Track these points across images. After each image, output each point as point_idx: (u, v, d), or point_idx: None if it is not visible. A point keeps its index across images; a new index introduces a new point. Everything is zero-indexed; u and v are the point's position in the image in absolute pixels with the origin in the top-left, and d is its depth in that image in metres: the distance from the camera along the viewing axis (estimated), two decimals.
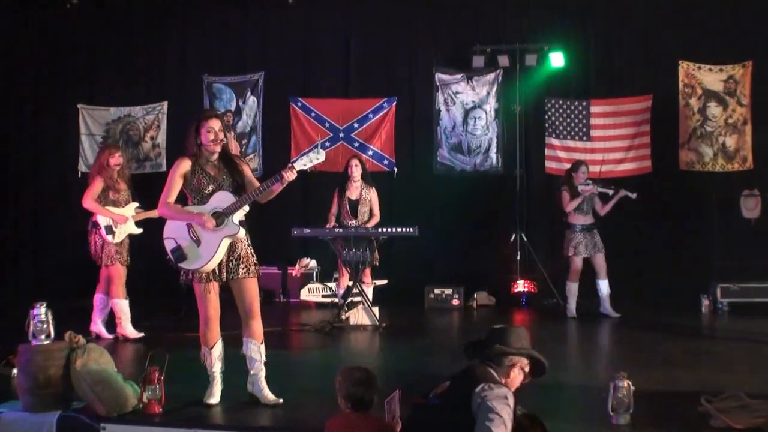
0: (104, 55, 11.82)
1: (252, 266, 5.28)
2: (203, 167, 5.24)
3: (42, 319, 5.06)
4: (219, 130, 5.22)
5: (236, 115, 11.67)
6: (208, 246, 5.14)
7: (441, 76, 11.38)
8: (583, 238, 9.20)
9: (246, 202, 5.15)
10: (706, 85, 10.94)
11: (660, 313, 9.36)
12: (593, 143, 11.14)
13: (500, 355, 3.88)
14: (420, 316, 9.69)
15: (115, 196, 7.80)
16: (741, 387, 5.25)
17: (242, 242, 5.27)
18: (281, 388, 5.40)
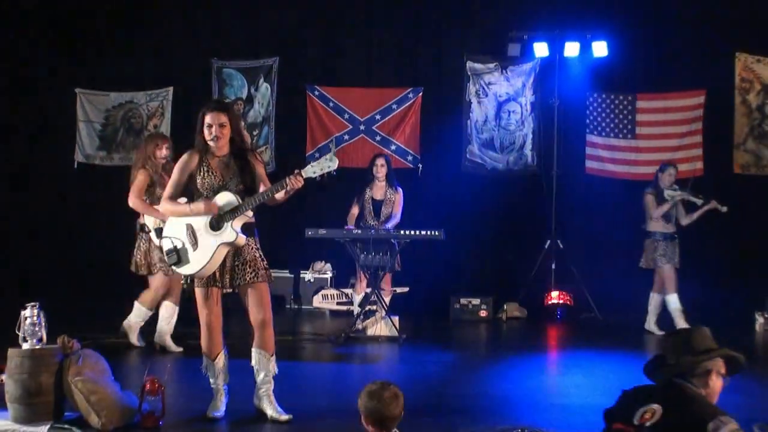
0: (106, 35, 11.85)
1: (261, 270, 5.28)
2: (210, 163, 5.29)
3: (33, 322, 5.09)
4: (220, 125, 5.22)
5: (247, 104, 11.72)
6: (203, 251, 5.18)
7: (472, 64, 11.37)
8: (665, 246, 9.24)
9: (247, 208, 5.16)
10: (765, 79, 10.85)
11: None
12: (638, 142, 11.10)
13: (692, 366, 3.86)
14: (444, 328, 9.69)
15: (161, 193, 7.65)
16: None
17: (249, 245, 5.28)
18: (290, 403, 5.42)
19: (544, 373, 7.41)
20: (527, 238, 11.06)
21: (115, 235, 11.34)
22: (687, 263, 10.54)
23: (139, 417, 4.99)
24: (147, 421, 4.97)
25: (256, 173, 5.31)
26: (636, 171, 11.08)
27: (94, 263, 11.18)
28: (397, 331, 8.58)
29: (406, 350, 8.22)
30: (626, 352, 8.12)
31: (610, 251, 10.86)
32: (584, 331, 9.63)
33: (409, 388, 4.09)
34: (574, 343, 9.27)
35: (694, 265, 10.52)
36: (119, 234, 11.34)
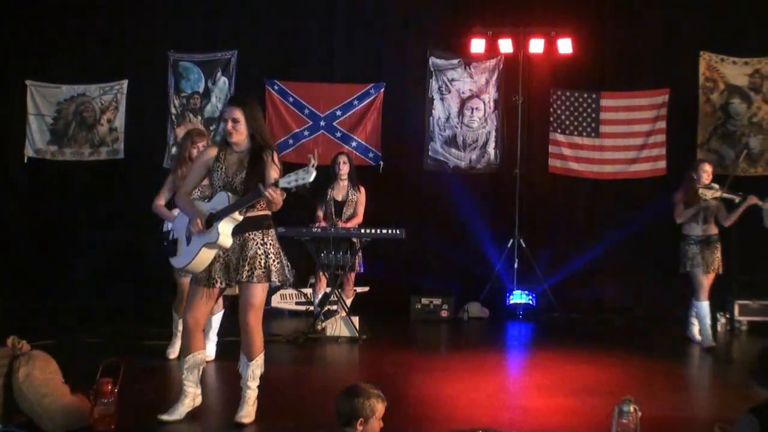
0: (57, 25, 11.66)
1: (259, 269, 5.23)
2: (225, 158, 5.33)
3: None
4: (233, 119, 5.26)
5: (204, 98, 11.65)
6: (191, 248, 5.24)
7: (435, 60, 11.41)
8: (699, 250, 8.60)
9: (232, 211, 5.13)
10: (729, 79, 11.02)
11: (673, 331, 9.43)
12: (602, 140, 11.20)
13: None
14: (405, 329, 9.73)
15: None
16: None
17: (254, 241, 5.26)
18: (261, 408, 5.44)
19: (505, 373, 7.47)
20: (490, 238, 11.12)
21: (66, 231, 11.31)
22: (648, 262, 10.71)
23: (91, 420, 4.95)
24: (99, 424, 4.93)
25: (265, 175, 5.20)
26: (599, 170, 11.19)
27: (44, 261, 11.08)
28: (357, 332, 8.60)
29: (366, 351, 8.25)
30: (589, 352, 8.20)
31: (573, 251, 10.95)
32: (546, 331, 9.72)
33: None
34: (536, 343, 9.36)
35: (653, 265, 10.68)
36: (70, 230, 11.33)
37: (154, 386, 6.50)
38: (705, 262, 8.52)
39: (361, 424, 3.94)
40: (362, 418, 3.94)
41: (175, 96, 11.65)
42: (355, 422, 3.94)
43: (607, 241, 10.73)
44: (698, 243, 8.59)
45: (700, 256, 8.54)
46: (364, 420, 3.94)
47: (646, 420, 4.75)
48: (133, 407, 5.35)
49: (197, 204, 5.34)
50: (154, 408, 5.35)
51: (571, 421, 5.60)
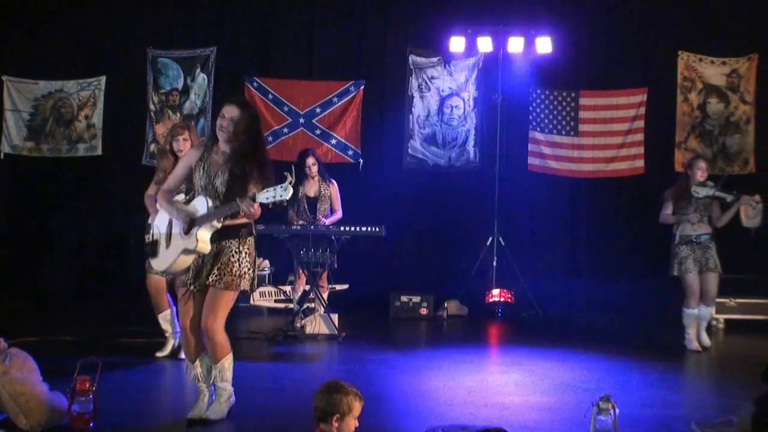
0: (35, 19, 11.58)
1: (227, 276, 5.21)
2: (209, 160, 5.31)
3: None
4: (231, 119, 5.22)
5: (183, 95, 11.60)
6: (170, 252, 5.27)
7: (415, 58, 11.44)
8: (690, 251, 8.23)
9: (210, 220, 5.13)
10: (707, 78, 11.11)
11: (648, 328, 9.49)
12: (581, 139, 11.26)
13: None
14: (384, 326, 9.72)
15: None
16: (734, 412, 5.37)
17: (229, 248, 5.26)
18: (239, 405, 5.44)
19: (484, 371, 7.50)
20: (469, 235, 11.16)
21: (43, 227, 11.25)
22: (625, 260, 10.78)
23: (69, 418, 4.94)
24: (77, 422, 4.91)
25: (246, 183, 5.20)
26: (578, 168, 11.26)
27: (20, 258, 11.01)
28: (337, 329, 8.61)
29: (346, 348, 8.25)
30: (567, 350, 8.24)
31: (552, 248, 11.02)
32: (525, 329, 9.75)
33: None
34: (514, 340, 9.38)
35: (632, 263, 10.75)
36: (46, 227, 11.27)
37: (132, 384, 6.49)
38: (698, 262, 8.19)
39: (336, 420, 3.96)
40: (338, 414, 3.97)
41: (153, 92, 11.60)
42: (331, 418, 3.97)
43: (586, 240, 10.81)
44: (689, 244, 8.23)
45: (692, 258, 8.20)
46: (340, 416, 3.96)
47: (623, 418, 4.79)
48: (111, 405, 5.35)
49: (179, 205, 5.32)
50: (133, 406, 5.35)
51: (550, 417, 5.63)
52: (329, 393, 4.03)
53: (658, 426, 5.34)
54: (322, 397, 4.05)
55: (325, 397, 4.03)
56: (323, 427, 4.01)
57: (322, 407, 4.02)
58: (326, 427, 4.00)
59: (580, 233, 10.95)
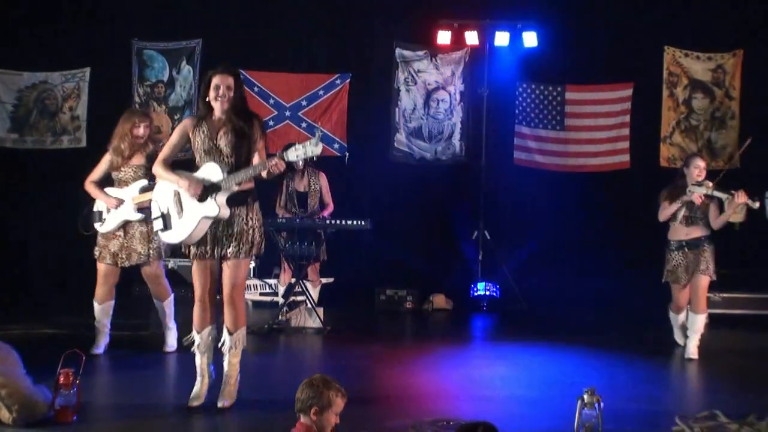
0: (19, 11, 11.50)
1: (246, 245, 5.35)
2: (207, 127, 5.37)
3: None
4: (227, 86, 5.31)
5: (168, 87, 11.56)
6: (187, 221, 5.30)
7: (402, 52, 11.41)
8: (682, 258, 7.61)
9: (230, 184, 5.22)
10: (692, 74, 11.13)
11: (636, 324, 9.51)
12: (567, 133, 11.28)
13: None
14: (369, 320, 9.72)
15: (122, 174, 7.03)
16: (718, 406, 5.40)
17: (239, 216, 5.35)
18: (213, 396, 5.41)
19: (469, 364, 7.50)
20: (454, 229, 11.15)
21: (26, 220, 11.17)
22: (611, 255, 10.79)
23: (53, 412, 4.91)
24: (61, 415, 4.89)
25: (252, 146, 5.36)
26: (564, 163, 11.28)
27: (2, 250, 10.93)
28: (322, 323, 8.60)
29: (331, 342, 8.24)
30: (552, 344, 8.25)
31: (537, 243, 11.01)
32: (511, 323, 9.77)
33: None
34: (500, 334, 9.40)
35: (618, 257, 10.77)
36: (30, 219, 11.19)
37: (115, 377, 6.47)
38: (689, 270, 7.53)
39: (315, 413, 3.95)
40: (317, 407, 3.96)
41: (138, 84, 11.55)
42: (310, 410, 3.96)
43: (572, 234, 10.81)
44: (680, 249, 7.60)
45: (683, 266, 7.56)
46: (319, 409, 3.95)
47: (608, 412, 4.79)
48: (94, 398, 5.32)
49: (186, 174, 5.35)
50: (116, 399, 5.32)
51: (535, 412, 5.64)
52: (311, 386, 4.03)
53: (643, 420, 5.35)
54: (305, 388, 4.05)
55: (307, 389, 4.03)
56: (303, 420, 4.00)
57: (302, 399, 4.02)
58: (306, 420, 3.99)
59: (565, 228, 10.95)
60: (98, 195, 7.04)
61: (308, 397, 4.00)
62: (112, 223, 6.96)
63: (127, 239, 6.96)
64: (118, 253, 6.96)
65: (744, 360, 7.47)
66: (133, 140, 7.00)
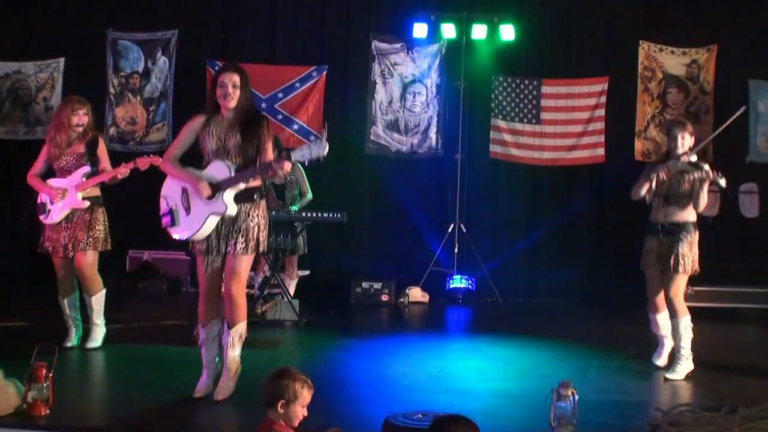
0: None
1: (251, 241, 5.37)
2: (214, 126, 5.38)
3: None
4: (233, 84, 5.33)
5: (144, 78, 11.47)
6: (195, 218, 5.33)
7: (378, 44, 11.38)
8: (656, 244, 6.68)
9: (238, 182, 5.23)
10: (667, 68, 11.18)
11: (611, 317, 9.56)
12: (543, 127, 11.30)
13: None
14: (345, 313, 9.70)
15: (62, 163, 6.86)
16: (693, 399, 5.43)
17: (244, 213, 5.36)
18: (186, 389, 5.38)
19: (445, 357, 7.49)
20: (430, 222, 11.16)
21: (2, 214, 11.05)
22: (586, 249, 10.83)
23: (25, 405, 4.85)
24: (33, 410, 4.83)
25: (261, 144, 5.36)
26: (540, 156, 11.30)
27: None
28: (298, 315, 8.57)
29: (307, 334, 8.22)
30: (527, 337, 8.28)
31: (513, 236, 11.05)
32: (486, 316, 9.79)
33: (309, 372, 4.11)
34: (475, 327, 9.42)
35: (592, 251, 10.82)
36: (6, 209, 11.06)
37: (90, 370, 6.41)
38: (661, 258, 6.60)
39: (282, 406, 3.93)
40: (284, 400, 3.93)
41: (113, 75, 11.45)
42: (277, 403, 3.93)
43: (547, 227, 10.86)
44: (655, 234, 6.67)
45: (656, 253, 6.65)
46: (285, 402, 3.93)
47: (583, 403, 4.80)
48: (68, 391, 5.27)
49: (195, 171, 5.36)
50: (90, 392, 5.27)
51: (510, 403, 5.64)
52: (277, 378, 4.01)
53: (617, 412, 5.37)
54: (270, 382, 4.03)
55: (273, 382, 4.01)
56: (270, 413, 3.98)
57: (268, 392, 4.00)
58: (273, 413, 3.97)
59: (541, 221, 10.99)
60: (41, 187, 6.89)
61: (274, 390, 3.98)
62: (57, 214, 6.82)
63: (71, 228, 6.83)
64: (68, 245, 6.82)
65: (717, 353, 7.51)
66: (71, 129, 6.84)
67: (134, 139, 11.35)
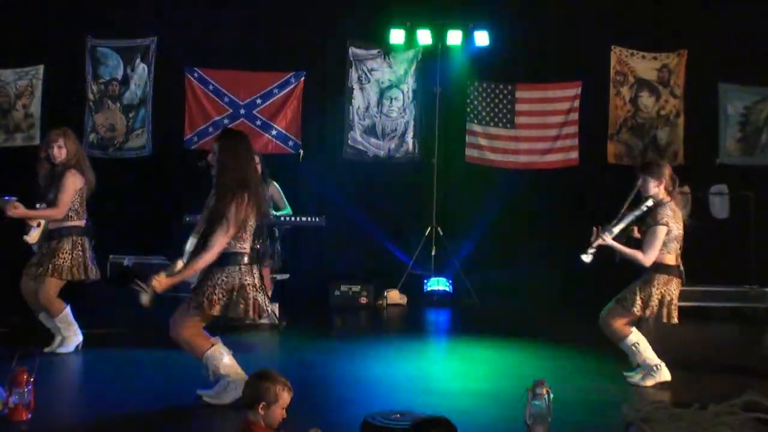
0: None
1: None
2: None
3: None
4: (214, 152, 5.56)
5: (123, 85, 11.44)
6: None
7: (355, 50, 11.42)
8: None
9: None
10: (638, 73, 11.29)
11: (585, 316, 9.60)
12: (518, 131, 11.37)
13: None
14: (324, 315, 9.71)
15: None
16: (666, 396, 5.49)
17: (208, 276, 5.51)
18: (167, 390, 5.38)
19: (423, 358, 7.53)
20: (408, 226, 11.18)
21: None
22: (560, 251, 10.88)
23: (6, 410, 4.83)
24: (14, 414, 4.81)
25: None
26: (515, 160, 11.38)
27: None
28: (277, 319, 8.56)
29: (286, 337, 8.23)
30: (503, 337, 8.31)
31: (488, 238, 11.08)
32: (462, 317, 9.83)
33: (288, 375, 4.12)
34: (452, 328, 9.46)
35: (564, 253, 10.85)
36: None
37: (71, 376, 6.39)
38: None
39: (263, 408, 3.94)
40: (265, 402, 3.95)
41: (93, 82, 11.41)
42: (257, 406, 3.95)
43: (522, 229, 10.90)
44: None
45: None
46: (266, 405, 3.94)
47: (557, 402, 4.84)
48: (49, 397, 5.25)
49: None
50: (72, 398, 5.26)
51: (487, 403, 5.68)
52: (258, 381, 4.03)
53: (592, 410, 5.42)
54: (251, 384, 4.05)
55: (252, 385, 4.03)
56: (250, 415, 4.00)
57: (249, 394, 4.02)
58: (253, 415, 3.98)
59: (516, 223, 11.02)
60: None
61: (254, 392, 3.99)
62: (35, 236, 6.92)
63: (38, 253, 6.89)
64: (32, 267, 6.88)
65: (689, 351, 7.57)
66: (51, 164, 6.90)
67: (114, 146, 11.31)
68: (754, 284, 9.88)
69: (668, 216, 6.28)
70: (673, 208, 6.35)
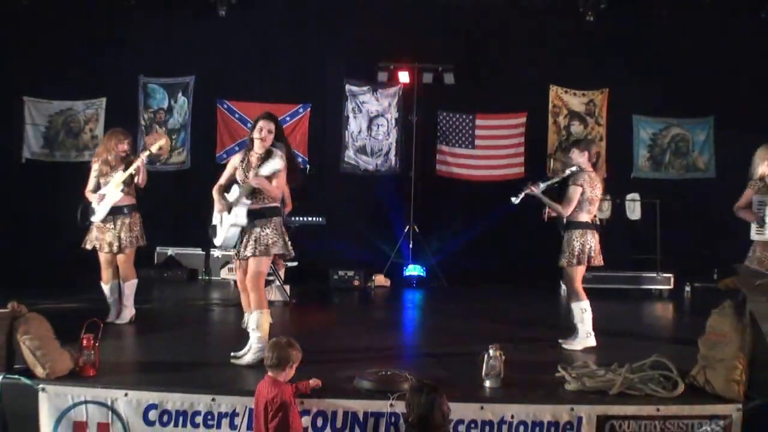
0: (50, 52, 11.20)
1: (261, 246, 5.29)
2: (247, 159, 5.40)
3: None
4: (269, 130, 5.33)
5: (168, 113, 11.42)
6: (223, 229, 5.39)
7: (350, 87, 11.43)
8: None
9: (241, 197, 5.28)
10: (571, 106, 11.36)
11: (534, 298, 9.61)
12: (477, 151, 11.40)
13: None
14: (326, 294, 9.71)
15: (108, 178, 6.83)
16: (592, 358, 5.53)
17: (258, 226, 5.32)
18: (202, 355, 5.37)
19: (404, 328, 7.54)
20: (391, 224, 11.17)
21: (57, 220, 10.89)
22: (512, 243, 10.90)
23: (77, 368, 4.83)
24: (84, 370, 4.82)
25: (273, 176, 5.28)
26: (475, 174, 11.43)
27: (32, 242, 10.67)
28: (288, 297, 8.57)
29: (295, 312, 8.23)
30: (468, 310, 8.36)
31: (454, 235, 11.09)
32: (435, 297, 9.84)
33: (298, 341, 4.14)
34: (427, 305, 9.46)
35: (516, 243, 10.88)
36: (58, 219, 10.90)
37: (127, 341, 6.38)
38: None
39: (290, 367, 4.00)
40: (291, 362, 4.01)
41: (144, 111, 11.40)
42: (286, 365, 4.00)
43: (481, 227, 10.91)
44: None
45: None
46: (291, 364, 4.02)
47: (508, 362, 4.87)
48: (110, 357, 5.25)
49: (221, 197, 5.40)
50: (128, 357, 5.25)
51: (453, 362, 5.68)
52: (286, 346, 4.07)
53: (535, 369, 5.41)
54: (279, 349, 4.07)
55: (282, 350, 4.06)
56: (275, 373, 4.03)
57: (279, 356, 4.04)
58: (278, 373, 4.02)
59: (476, 223, 11.03)
60: (90, 197, 6.91)
61: (284, 355, 4.03)
62: (101, 213, 6.80)
63: (116, 230, 6.81)
64: (113, 243, 6.80)
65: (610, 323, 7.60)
66: (118, 153, 6.83)
67: (160, 161, 11.28)
68: (660, 271, 9.96)
69: (585, 180, 6.24)
70: (591, 176, 6.30)
